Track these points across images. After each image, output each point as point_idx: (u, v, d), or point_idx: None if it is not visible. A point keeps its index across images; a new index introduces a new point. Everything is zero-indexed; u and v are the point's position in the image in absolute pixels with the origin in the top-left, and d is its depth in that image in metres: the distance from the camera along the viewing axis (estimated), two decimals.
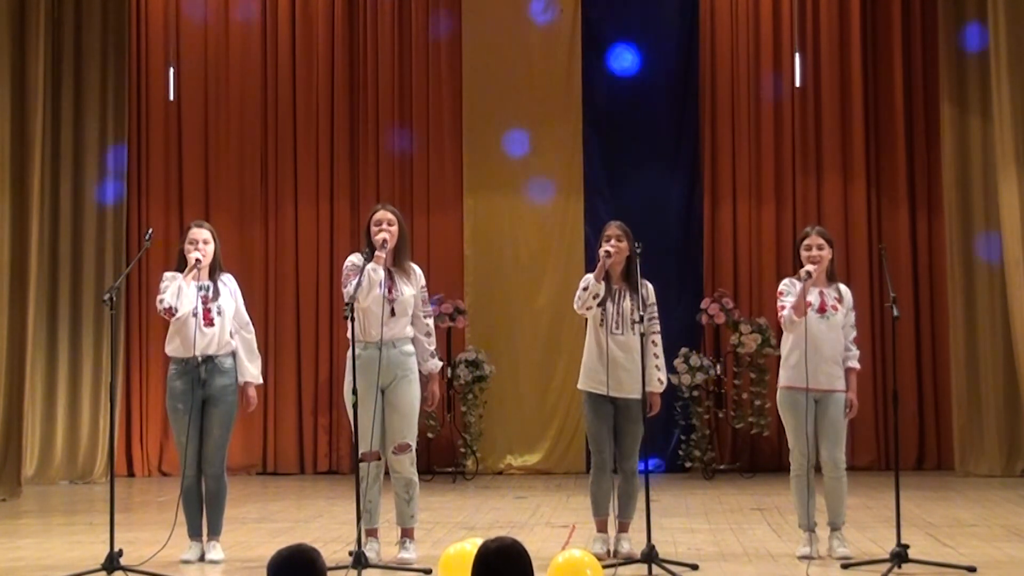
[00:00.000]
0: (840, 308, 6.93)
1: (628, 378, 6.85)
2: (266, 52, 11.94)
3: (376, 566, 6.51)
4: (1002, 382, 10.84)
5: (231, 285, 7.09)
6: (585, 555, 5.62)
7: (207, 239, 6.98)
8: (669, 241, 11.54)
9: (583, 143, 11.84)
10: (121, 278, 8.15)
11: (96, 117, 11.47)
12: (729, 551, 7.13)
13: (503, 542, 3.98)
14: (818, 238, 6.97)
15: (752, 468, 11.26)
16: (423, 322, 6.94)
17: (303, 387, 11.74)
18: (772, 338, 11.04)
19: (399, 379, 6.77)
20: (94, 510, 9.30)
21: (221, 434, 6.92)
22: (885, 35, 11.75)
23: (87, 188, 11.43)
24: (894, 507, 6.58)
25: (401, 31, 11.95)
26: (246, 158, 11.91)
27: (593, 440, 7.03)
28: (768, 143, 11.75)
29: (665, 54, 11.92)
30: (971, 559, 6.60)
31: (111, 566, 6.27)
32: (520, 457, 11.68)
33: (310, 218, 11.86)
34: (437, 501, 9.52)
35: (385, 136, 11.85)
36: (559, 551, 6.18)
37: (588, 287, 6.88)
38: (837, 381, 6.89)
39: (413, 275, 6.93)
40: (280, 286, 11.80)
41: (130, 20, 11.76)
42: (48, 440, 11.24)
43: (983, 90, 10.89)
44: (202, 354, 6.87)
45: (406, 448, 6.78)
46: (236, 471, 10.98)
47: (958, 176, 11.11)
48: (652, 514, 6.49)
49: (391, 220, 6.85)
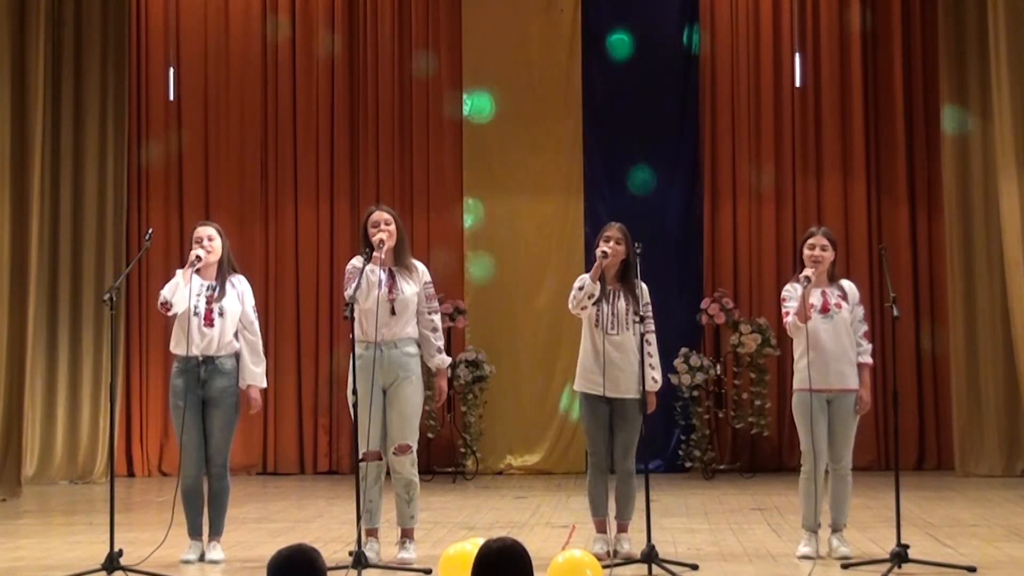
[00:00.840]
0: (845, 305, 6.91)
1: (624, 378, 6.86)
2: (266, 52, 11.94)
3: (376, 566, 6.52)
4: (1002, 382, 10.84)
5: (240, 287, 7.02)
6: (585, 555, 5.63)
7: (212, 236, 6.94)
8: (669, 241, 11.56)
9: (583, 143, 11.84)
10: (121, 278, 8.16)
11: (96, 117, 11.46)
12: (729, 551, 7.13)
13: (504, 542, 3.98)
14: (823, 239, 6.96)
15: (752, 468, 11.25)
16: (428, 318, 6.93)
17: (303, 387, 11.74)
18: (772, 338, 11.06)
19: (400, 380, 6.77)
20: (94, 510, 9.30)
21: (222, 435, 6.91)
22: (885, 35, 11.75)
23: (87, 188, 11.42)
24: (894, 507, 6.58)
25: (401, 31, 11.96)
26: (246, 158, 11.90)
27: (590, 441, 7.03)
28: (768, 143, 11.75)
29: (665, 54, 11.92)
30: (971, 559, 6.60)
31: (111, 566, 6.27)
32: (520, 457, 11.68)
33: (310, 218, 11.85)
34: (437, 501, 9.52)
35: (385, 136, 11.85)
36: (559, 551, 6.18)
37: (583, 287, 6.87)
38: (849, 380, 6.87)
39: (416, 272, 6.92)
40: (280, 286, 11.80)
41: (130, 20, 11.76)
42: (48, 440, 11.23)
43: (983, 90, 10.89)
44: (202, 354, 6.85)
45: (407, 449, 6.77)
46: (236, 471, 10.90)
47: (958, 176, 11.11)
48: (652, 514, 6.49)
49: (387, 220, 6.84)
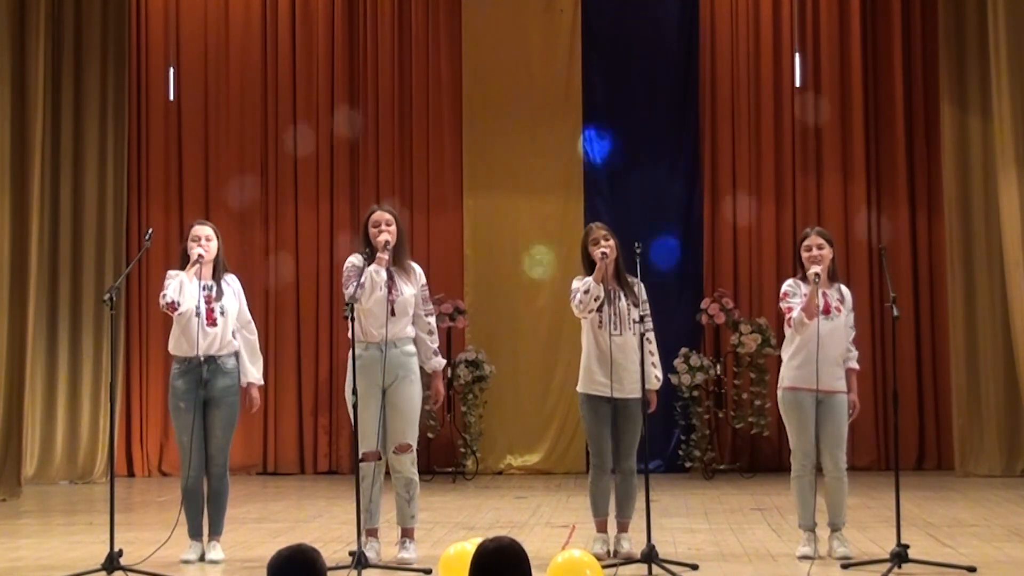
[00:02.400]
0: (842, 309, 6.94)
1: (628, 378, 6.86)
2: (266, 52, 11.94)
3: (376, 566, 6.52)
4: (1002, 382, 10.84)
5: (235, 285, 7.06)
6: (585, 555, 5.62)
7: (210, 236, 6.95)
8: (669, 241, 11.56)
9: (583, 143, 11.85)
10: (121, 278, 8.15)
11: (96, 117, 11.46)
12: (729, 551, 7.13)
13: (501, 542, 3.96)
14: (818, 238, 6.96)
15: (752, 468, 11.25)
16: (425, 320, 6.94)
17: (303, 387, 11.73)
18: (772, 338, 11.05)
19: (400, 379, 6.77)
20: (94, 510, 9.29)
21: (223, 435, 6.91)
22: (885, 35, 11.75)
23: (87, 188, 11.42)
24: (894, 507, 6.58)
25: (401, 31, 11.95)
26: (246, 158, 11.90)
27: (593, 442, 7.02)
28: (768, 143, 11.74)
29: (665, 54, 11.92)
30: (971, 559, 6.59)
31: (111, 566, 6.27)
32: (520, 457, 11.68)
33: (310, 218, 11.85)
34: (437, 501, 9.51)
35: (385, 136, 11.85)
36: (559, 551, 6.17)
37: (589, 290, 6.85)
38: (839, 382, 6.89)
39: (413, 274, 6.93)
40: (280, 286, 11.79)
41: (130, 20, 11.76)
42: (48, 440, 11.22)
43: (983, 90, 10.89)
44: (204, 354, 6.85)
45: (407, 448, 6.78)
46: (236, 471, 10.91)
47: (958, 176, 11.11)
48: (652, 514, 6.49)
49: (389, 220, 6.84)
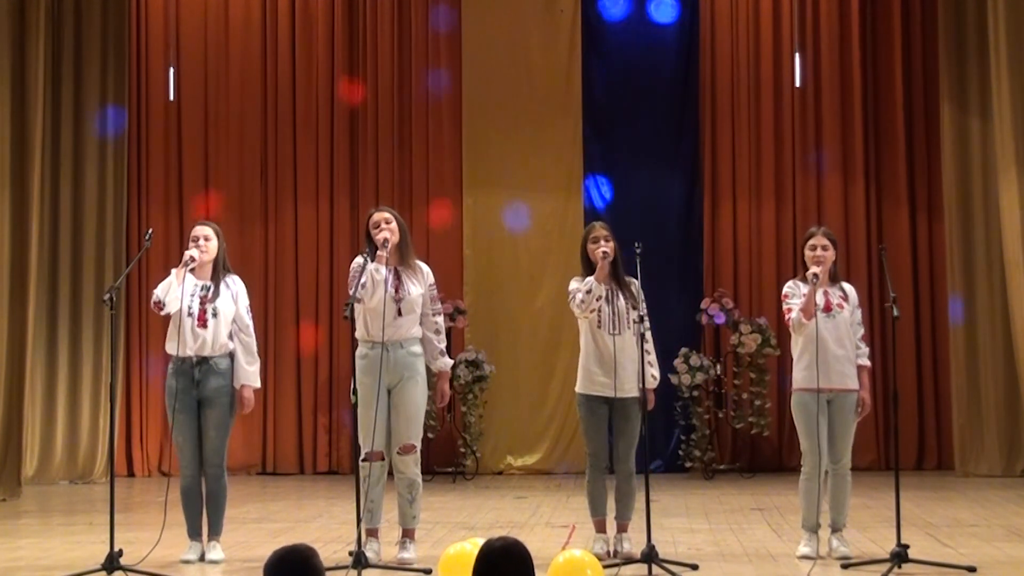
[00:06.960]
0: (846, 306, 6.92)
1: (627, 377, 6.86)
2: (266, 52, 11.95)
3: (376, 566, 6.51)
4: (1002, 382, 10.84)
5: (235, 287, 7.01)
6: (585, 555, 5.62)
7: (209, 236, 6.93)
8: (669, 241, 11.57)
9: (583, 143, 11.84)
10: (121, 278, 8.15)
11: (96, 117, 11.45)
12: (729, 551, 7.13)
13: (506, 541, 3.97)
14: (823, 238, 6.96)
15: (752, 468, 11.25)
16: (432, 320, 6.93)
17: (303, 387, 11.74)
18: (772, 338, 11.05)
19: (405, 380, 6.76)
20: (94, 510, 9.29)
21: (217, 435, 6.89)
22: (885, 35, 11.75)
23: (87, 188, 11.42)
24: (894, 507, 6.57)
25: (401, 31, 11.95)
26: (246, 158, 11.90)
27: (590, 442, 7.01)
28: (768, 143, 11.74)
29: (665, 54, 11.92)
30: (971, 559, 6.59)
31: (111, 566, 6.27)
32: (520, 457, 11.68)
33: (310, 218, 11.85)
34: (437, 501, 9.51)
35: (385, 135, 11.85)
36: (559, 551, 6.17)
37: (591, 290, 6.85)
38: (850, 380, 6.87)
39: (421, 273, 6.92)
40: (280, 286, 11.80)
41: (130, 20, 11.76)
42: (48, 440, 11.23)
43: (983, 90, 10.89)
44: (196, 355, 6.84)
45: (411, 449, 6.77)
46: (236, 471, 10.98)
47: (958, 176, 11.11)
48: (652, 514, 6.49)
49: (388, 219, 6.84)
